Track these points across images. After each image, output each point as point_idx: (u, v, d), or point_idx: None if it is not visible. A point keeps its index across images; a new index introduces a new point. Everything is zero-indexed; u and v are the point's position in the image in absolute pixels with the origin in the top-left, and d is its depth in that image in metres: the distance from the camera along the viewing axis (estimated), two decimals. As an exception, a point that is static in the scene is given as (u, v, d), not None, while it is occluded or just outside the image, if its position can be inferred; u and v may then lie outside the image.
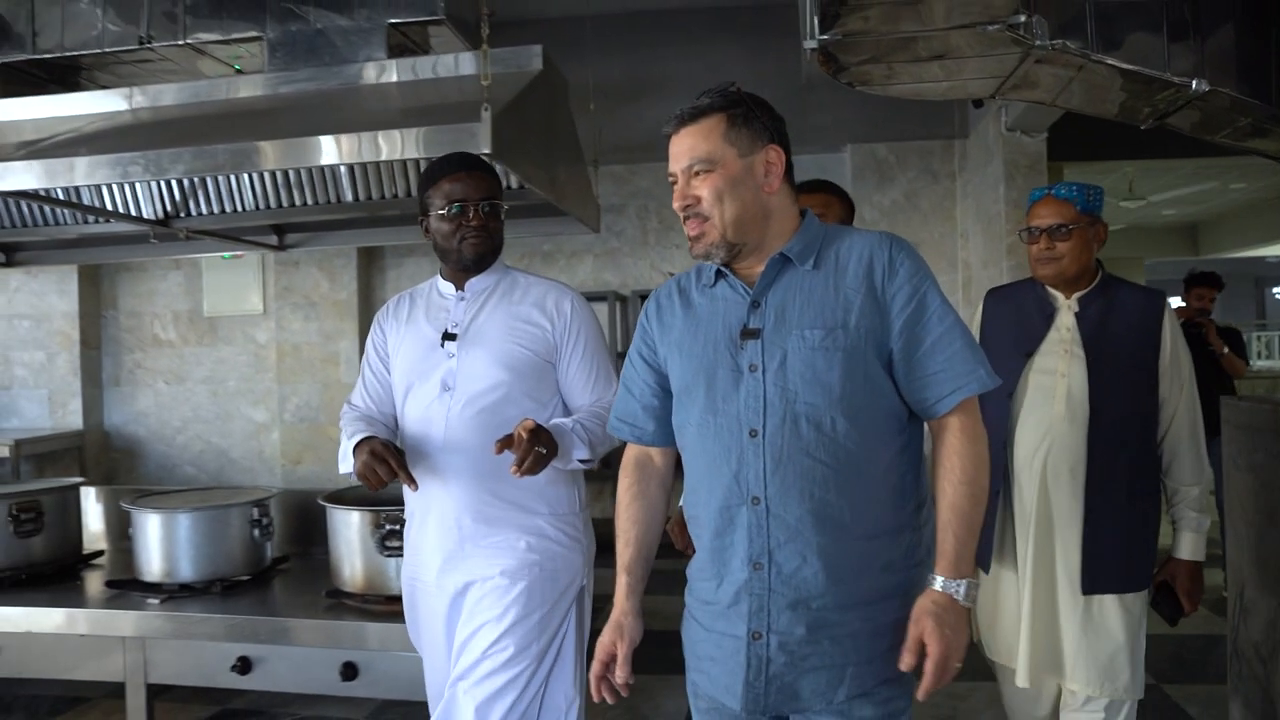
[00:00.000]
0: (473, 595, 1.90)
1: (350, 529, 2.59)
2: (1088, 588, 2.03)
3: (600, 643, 1.50)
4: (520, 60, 2.61)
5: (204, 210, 3.41)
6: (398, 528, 2.47)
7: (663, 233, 5.74)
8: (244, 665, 2.56)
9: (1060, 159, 5.15)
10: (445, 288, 2.03)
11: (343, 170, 3.18)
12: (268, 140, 2.34)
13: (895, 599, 1.37)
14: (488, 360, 1.90)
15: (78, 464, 5.65)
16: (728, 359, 1.40)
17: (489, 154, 2.10)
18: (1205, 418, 2.16)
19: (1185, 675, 3.36)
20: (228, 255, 5.25)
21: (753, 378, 1.38)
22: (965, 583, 1.33)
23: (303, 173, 3.22)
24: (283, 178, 3.26)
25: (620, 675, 1.47)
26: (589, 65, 3.80)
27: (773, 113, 1.45)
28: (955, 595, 1.33)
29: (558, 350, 1.96)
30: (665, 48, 5.00)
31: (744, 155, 1.40)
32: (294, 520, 3.36)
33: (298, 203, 3.31)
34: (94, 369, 5.88)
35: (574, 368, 1.97)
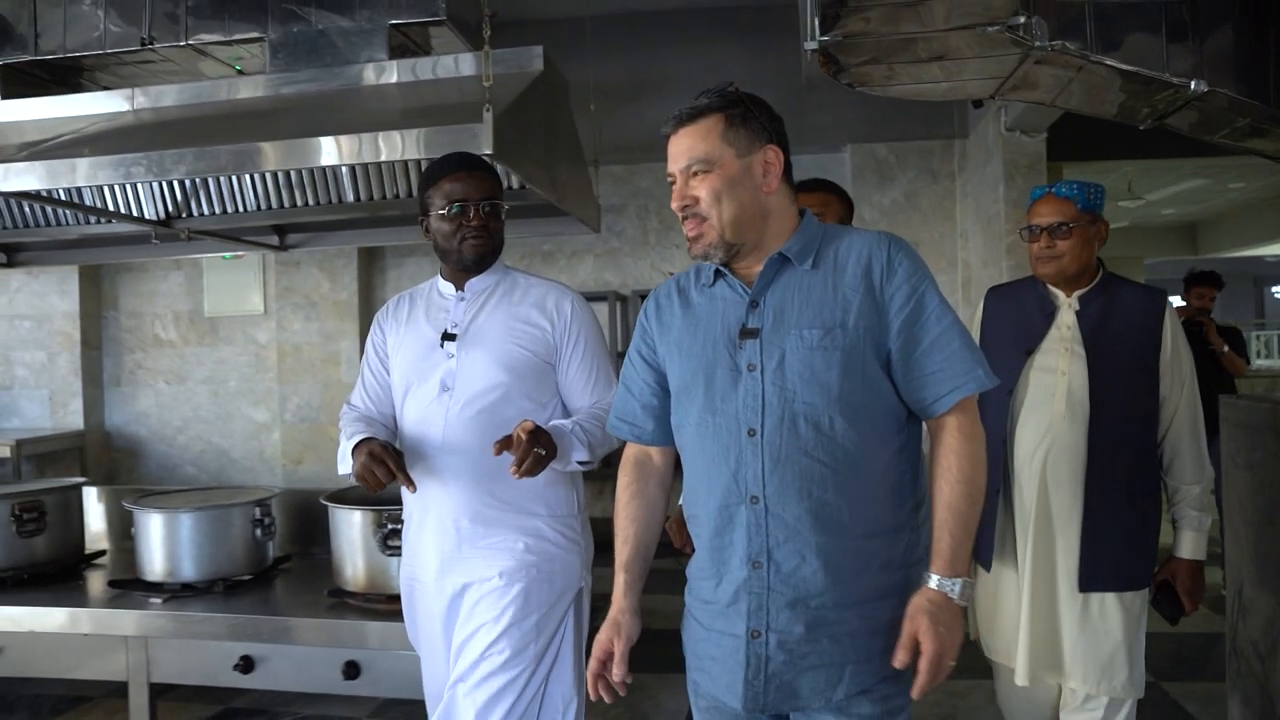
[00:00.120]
0: (470, 596, 1.89)
1: (352, 528, 2.60)
2: (1085, 585, 2.03)
3: (597, 640, 1.50)
4: (521, 61, 2.62)
5: (205, 210, 3.41)
6: (399, 527, 2.47)
7: (663, 233, 5.74)
8: (246, 664, 2.57)
9: (1060, 159, 5.16)
10: (445, 288, 2.01)
11: (344, 171, 3.18)
12: (270, 141, 2.35)
13: (894, 597, 1.37)
14: (487, 361, 1.89)
15: (79, 464, 5.66)
16: (726, 358, 1.40)
17: (491, 155, 2.09)
18: (1205, 417, 2.15)
19: (1185, 673, 3.36)
20: (228, 255, 5.26)
21: (751, 377, 1.37)
22: (960, 581, 1.34)
23: (304, 173, 3.22)
24: (284, 178, 3.26)
25: (617, 673, 1.46)
26: (589, 65, 3.80)
27: (771, 113, 1.44)
28: (950, 594, 1.33)
29: (557, 351, 1.94)
30: (665, 48, 5.01)
31: (742, 155, 1.39)
32: (295, 520, 3.37)
33: (299, 203, 3.31)
34: (95, 369, 5.88)
35: (574, 369, 1.95)
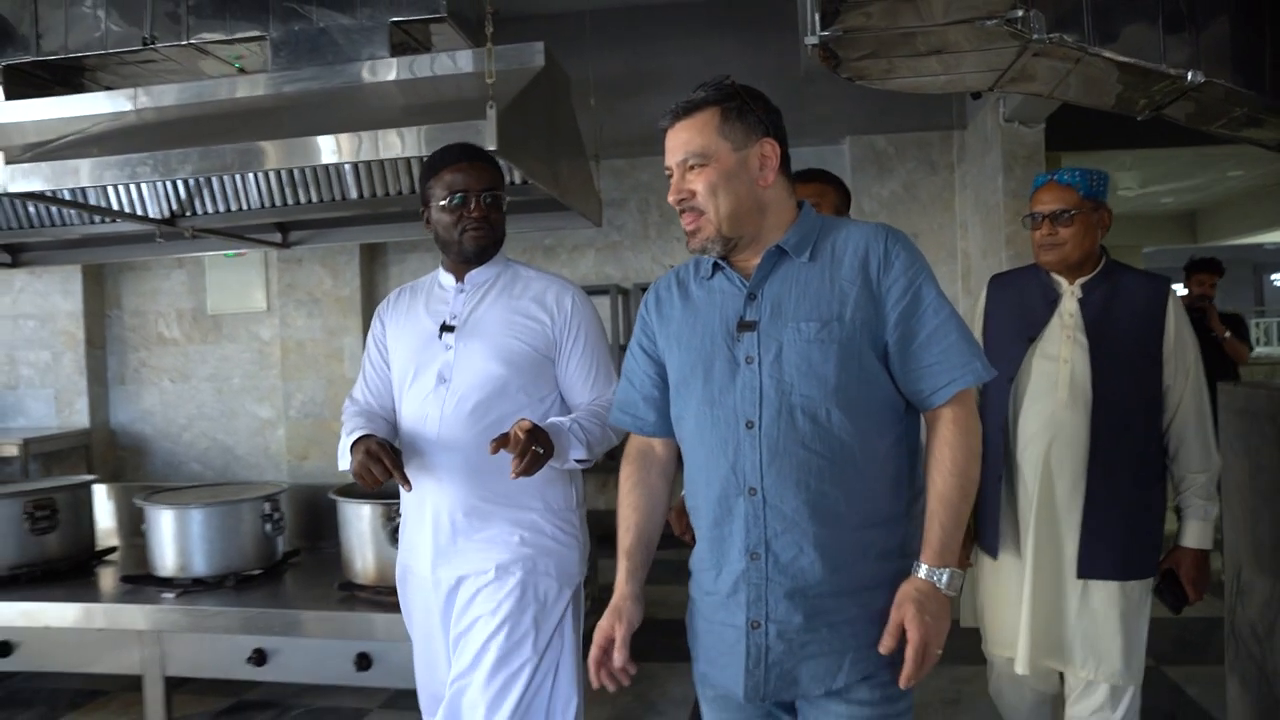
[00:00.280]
0: (466, 590, 1.87)
1: (361, 521, 2.63)
2: (1083, 572, 2.02)
3: (599, 627, 1.49)
4: (523, 57, 2.63)
5: (209, 209, 3.42)
6: (408, 520, 2.50)
7: (663, 226, 5.76)
8: (259, 657, 2.60)
9: (1058, 149, 5.16)
10: (446, 280, 1.99)
11: (347, 168, 3.20)
12: (274, 140, 2.37)
13: (892, 585, 1.37)
14: (485, 353, 1.87)
15: (85, 462, 5.68)
16: (725, 351, 1.40)
17: (495, 151, 2.10)
18: None
19: (1186, 656, 3.38)
20: (230, 254, 5.28)
21: (749, 370, 1.38)
22: (949, 572, 1.34)
23: (307, 171, 3.23)
24: (287, 176, 3.26)
25: (618, 658, 1.45)
26: (589, 60, 3.81)
27: (768, 105, 1.43)
28: (938, 583, 1.33)
29: (557, 346, 1.92)
30: (664, 41, 5.01)
31: (738, 149, 1.39)
32: (303, 515, 3.40)
33: (302, 200, 3.32)
34: (99, 368, 5.90)
35: (573, 364, 1.93)
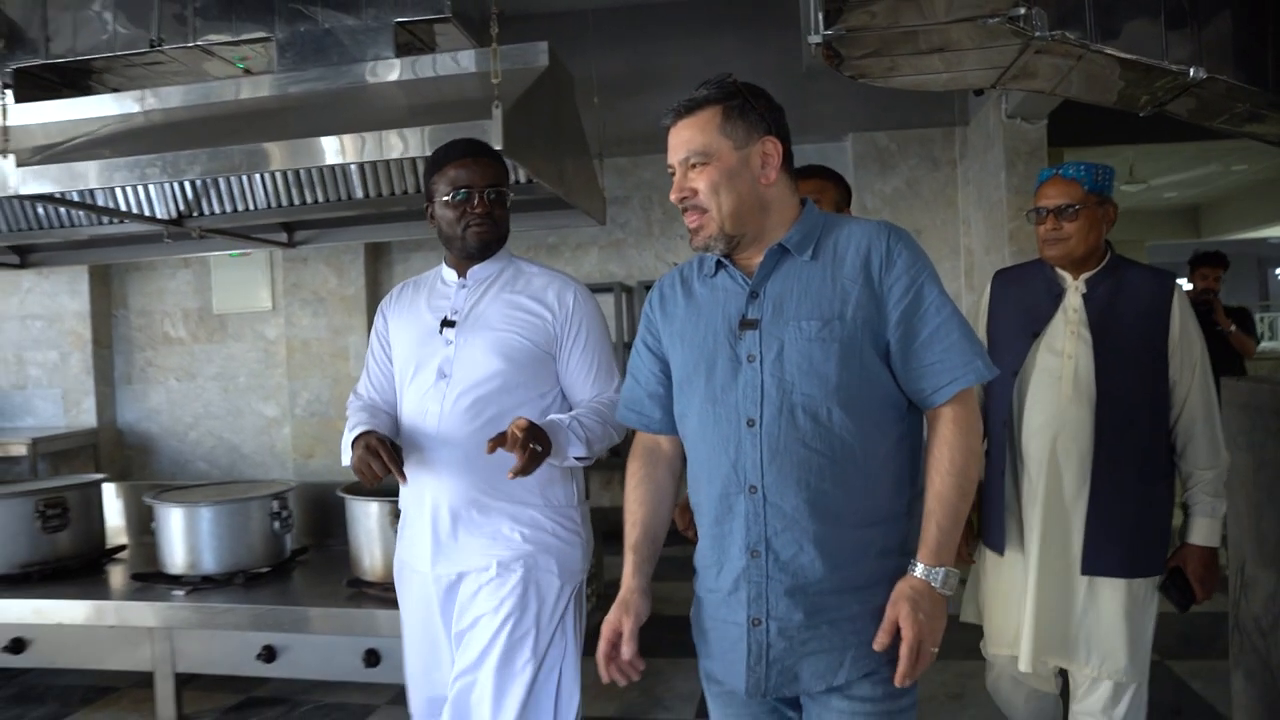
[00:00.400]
0: (467, 587, 1.86)
1: (370, 519, 2.65)
2: (1087, 568, 2.00)
3: (606, 620, 1.48)
4: (527, 57, 2.64)
5: (216, 209, 3.45)
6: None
7: (667, 224, 5.78)
8: (269, 654, 2.63)
9: (1061, 144, 5.17)
10: (448, 275, 1.99)
11: (353, 168, 3.21)
12: (281, 141, 2.38)
13: (893, 583, 1.37)
14: (485, 348, 1.87)
15: (92, 461, 5.71)
16: (727, 349, 1.40)
17: (500, 150, 2.11)
18: None
19: (1191, 651, 3.38)
20: (236, 254, 5.30)
21: (751, 368, 1.38)
22: (944, 571, 1.34)
23: (313, 171, 3.25)
24: (293, 176, 3.29)
25: (626, 651, 1.45)
26: (591, 58, 3.82)
27: (771, 103, 1.43)
28: (933, 582, 1.34)
29: (558, 342, 1.91)
30: (667, 40, 5.01)
31: (740, 147, 1.39)
32: (311, 512, 3.42)
33: (308, 200, 3.35)
34: (106, 367, 5.94)
35: (574, 360, 1.92)
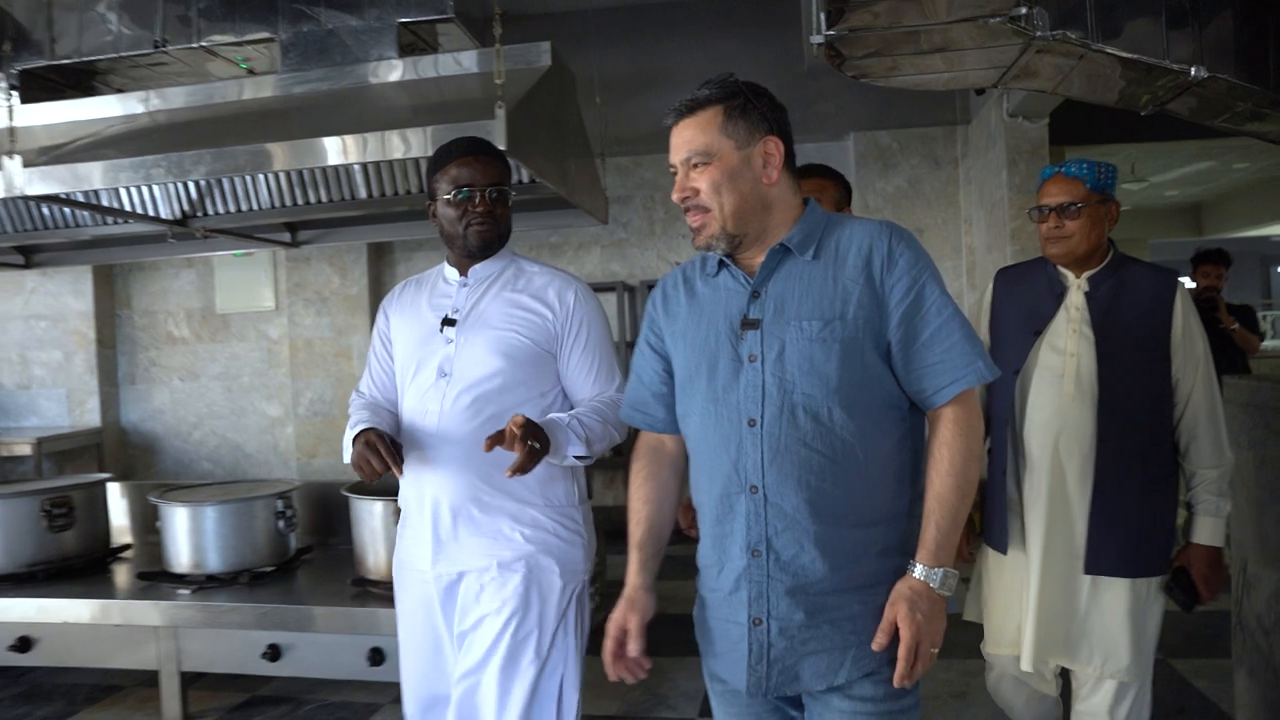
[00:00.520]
0: (469, 587, 1.85)
1: (374, 518, 2.66)
2: (1090, 568, 2.00)
3: (612, 619, 1.48)
4: (530, 57, 2.65)
5: (220, 210, 3.46)
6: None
7: (669, 223, 5.78)
8: (274, 653, 2.64)
9: (1062, 143, 5.17)
10: (450, 274, 1.98)
11: (356, 168, 3.22)
12: (285, 141, 2.40)
13: (894, 583, 1.37)
14: (485, 347, 1.86)
15: (96, 461, 5.73)
16: (729, 349, 1.40)
17: (504, 150, 2.13)
18: None
19: (1194, 650, 3.38)
20: (239, 253, 5.31)
21: (752, 368, 1.38)
22: (943, 572, 1.34)
23: (316, 171, 3.27)
24: (297, 176, 3.30)
25: (633, 648, 1.45)
26: (593, 58, 3.83)
27: (773, 102, 1.43)
28: (931, 583, 1.34)
29: (558, 341, 1.90)
30: (668, 39, 5.02)
31: (741, 147, 1.39)
32: (315, 512, 3.43)
33: (312, 200, 3.36)
34: (110, 367, 5.95)
35: (574, 359, 1.91)
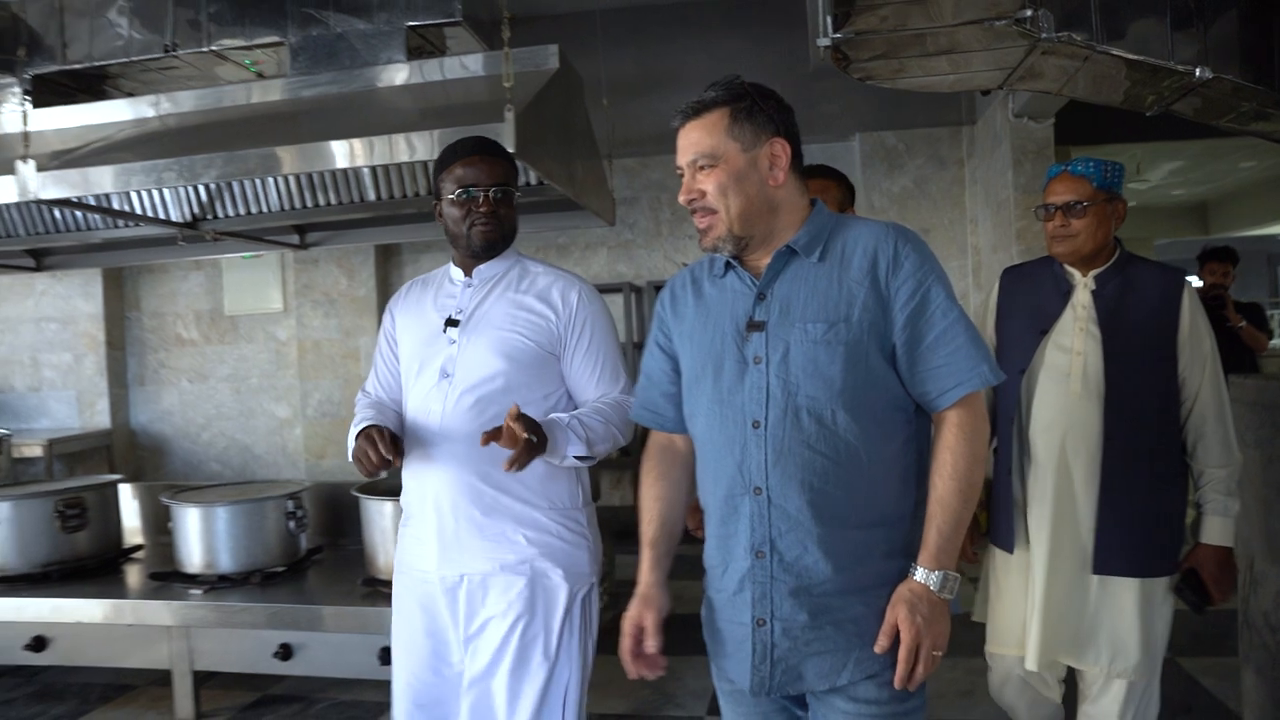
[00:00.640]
0: (474, 590, 1.85)
1: (384, 518, 2.68)
2: (1099, 568, 1.99)
3: (627, 617, 1.48)
4: (538, 59, 2.67)
5: (230, 212, 3.49)
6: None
7: (675, 224, 5.80)
8: (285, 652, 2.66)
9: (1068, 143, 5.16)
10: (455, 274, 1.97)
11: (364, 171, 3.25)
12: (295, 145, 2.42)
13: (898, 584, 1.37)
14: (487, 348, 1.85)
15: (106, 462, 5.77)
16: (734, 350, 1.41)
17: (512, 153, 2.14)
18: None
19: (1202, 649, 3.37)
20: (249, 255, 5.35)
21: (757, 370, 1.38)
22: (943, 574, 1.34)
23: (325, 174, 3.29)
24: (306, 179, 3.33)
25: (651, 645, 1.45)
26: (599, 60, 3.84)
27: (779, 104, 1.43)
28: (932, 586, 1.34)
29: (561, 342, 1.88)
30: (674, 40, 5.04)
31: (747, 150, 1.39)
32: (325, 512, 3.46)
33: (321, 203, 3.39)
34: (119, 369, 5.99)
35: (578, 360, 1.89)
